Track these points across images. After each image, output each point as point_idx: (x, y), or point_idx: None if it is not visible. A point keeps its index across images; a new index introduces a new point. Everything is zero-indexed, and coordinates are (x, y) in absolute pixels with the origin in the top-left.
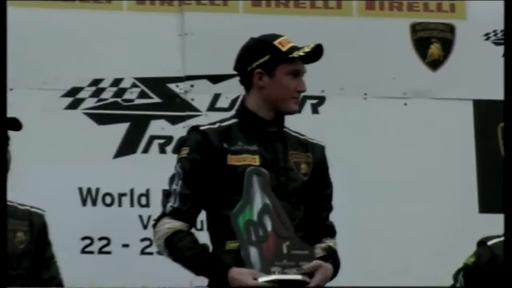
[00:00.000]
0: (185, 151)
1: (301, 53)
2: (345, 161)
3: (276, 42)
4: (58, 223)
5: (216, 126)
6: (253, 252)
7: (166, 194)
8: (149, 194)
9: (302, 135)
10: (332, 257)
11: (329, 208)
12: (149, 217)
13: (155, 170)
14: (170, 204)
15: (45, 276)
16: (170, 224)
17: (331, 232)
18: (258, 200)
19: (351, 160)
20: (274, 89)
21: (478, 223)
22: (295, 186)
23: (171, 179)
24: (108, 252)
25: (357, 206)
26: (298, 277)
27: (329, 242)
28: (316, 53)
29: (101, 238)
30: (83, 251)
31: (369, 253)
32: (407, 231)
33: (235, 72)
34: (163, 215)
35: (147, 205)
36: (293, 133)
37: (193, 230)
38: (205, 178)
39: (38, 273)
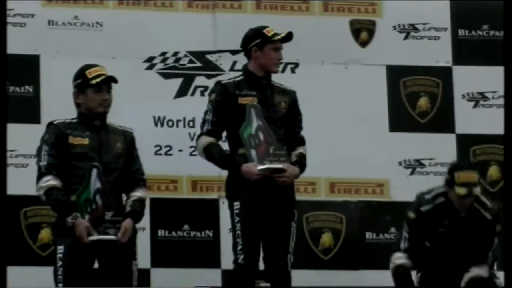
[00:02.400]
0: (213, 95)
1: (279, 37)
2: (310, 102)
3: (264, 31)
4: (141, 136)
5: (231, 81)
6: (253, 153)
7: (202, 122)
8: (194, 120)
9: (282, 85)
10: (300, 161)
11: (300, 127)
12: (194, 134)
13: (198, 106)
14: (205, 127)
15: (133, 168)
16: (206, 139)
17: (301, 142)
18: (255, 123)
19: (315, 102)
20: (263, 59)
21: (388, 140)
22: (278, 116)
23: (205, 112)
24: (170, 154)
25: (316, 132)
26: (280, 165)
27: (299, 149)
28: (288, 37)
29: (166, 146)
30: (155, 153)
31: (326, 160)
32: (345, 146)
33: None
34: (201, 134)
35: (193, 126)
36: (277, 84)
37: (220, 142)
38: (225, 111)
39: (129, 167)
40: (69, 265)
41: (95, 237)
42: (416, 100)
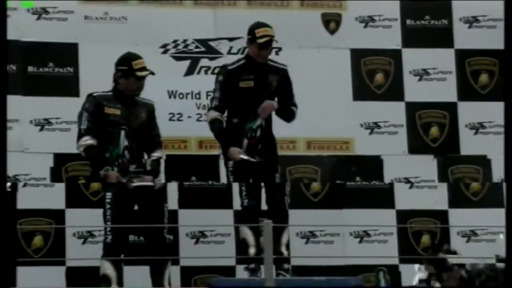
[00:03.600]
0: (220, 77)
1: (260, 40)
2: (291, 78)
3: (255, 30)
4: (158, 106)
5: (235, 66)
6: (245, 142)
7: (211, 98)
8: (200, 93)
9: (276, 63)
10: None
11: (290, 97)
12: (200, 104)
13: (203, 82)
14: (213, 103)
15: (153, 132)
16: (212, 114)
17: (294, 105)
18: (258, 121)
19: (294, 78)
20: (253, 51)
21: (352, 107)
22: (272, 89)
23: (214, 91)
24: (181, 120)
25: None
26: (255, 160)
27: (292, 107)
28: (267, 43)
29: (178, 114)
30: (169, 120)
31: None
32: (319, 112)
33: (240, 36)
34: (210, 108)
35: (199, 98)
36: (272, 63)
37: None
38: (229, 91)
39: (150, 131)
40: (115, 208)
41: (137, 183)
42: (374, 75)
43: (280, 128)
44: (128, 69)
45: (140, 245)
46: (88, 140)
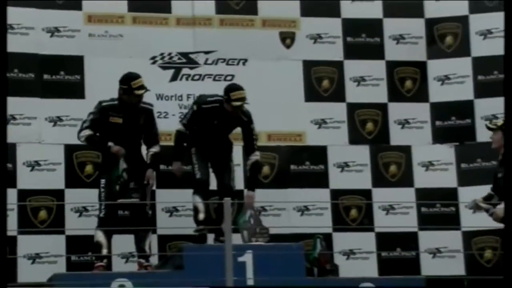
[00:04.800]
0: (195, 106)
1: (236, 103)
2: (256, 83)
3: (230, 94)
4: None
5: (209, 106)
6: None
7: (184, 114)
8: (182, 96)
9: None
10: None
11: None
12: (182, 104)
13: (184, 87)
14: (184, 120)
15: (151, 131)
16: (180, 127)
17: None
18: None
19: (258, 84)
20: (228, 108)
21: (304, 107)
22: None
23: (188, 110)
24: (167, 117)
25: (260, 101)
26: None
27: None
28: (242, 100)
29: (164, 112)
30: (158, 117)
31: (265, 119)
32: (278, 111)
33: (214, 50)
34: (180, 121)
35: (181, 100)
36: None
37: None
38: (197, 123)
39: (149, 131)
40: (107, 190)
41: (125, 200)
42: (321, 81)
43: None
44: (128, 88)
45: (126, 218)
46: (87, 131)
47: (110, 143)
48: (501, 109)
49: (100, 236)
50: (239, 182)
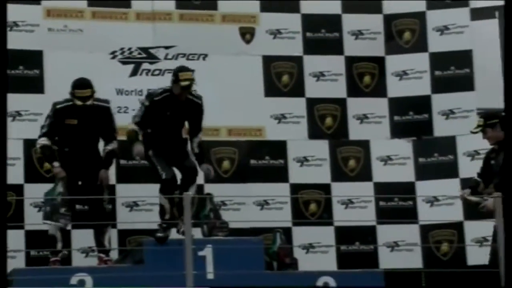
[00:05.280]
0: (146, 101)
1: (182, 84)
2: (216, 78)
3: (178, 73)
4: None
5: (160, 97)
6: None
7: (135, 113)
8: (142, 90)
9: (191, 97)
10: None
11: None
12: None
13: (144, 82)
14: (136, 119)
15: (109, 129)
16: (132, 127)
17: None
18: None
19: (218, 78)
20: (175, 90)
21: (264, 102)
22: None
23: (139, 108)
24: (127, 112)
25: (220, 97)
26: None
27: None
28: (189, 86)
29: (124, 107)
30: (118, 112)
31: (225, 114)
32: (238, 105)
33: (174, 45)
34: (132, 119)
35: (141, 94)
36: (189, 97)
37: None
38: (152, 116)
39: (106, 128)
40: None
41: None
42: (281, 77)
43: (205, 118)
44: (72, 94)
45: (85, 213)
46: (43, 140)
47: (55, 163)
48: (458, 104)
49: (53, 229)
50: (198, 178)
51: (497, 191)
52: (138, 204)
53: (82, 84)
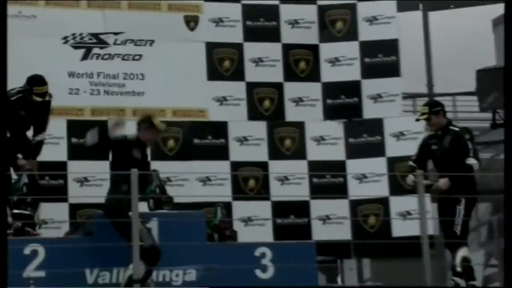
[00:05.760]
0: None
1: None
2: (162, 63)
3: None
4: (61, 84)
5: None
6: None
7: None
8: (92, 73)
9: None
10: None
11: None
12: (93, 82)
13: (94, 65)
14: None
15: (42, 120)
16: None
17: None
18: None
19: (164, 63)
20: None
21: (207, 85)
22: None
23: None
24: (78, 94)
25: (166, 81)
26: None
27: None
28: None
29: (76, 89)
30: (69, 94)
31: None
32: (183, 89)
33: (123, 31)
34: None
35: (92, 77)
36: None
37: None
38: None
39: (43, 118)
40: None
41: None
42: (222, 62)
43: (152, 100)
44: (29, 90)
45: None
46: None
47: (19, 155)
48: (385, 88)
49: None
50: None
51: (441, 172)
52: (88, 180)
53: (40, 81)
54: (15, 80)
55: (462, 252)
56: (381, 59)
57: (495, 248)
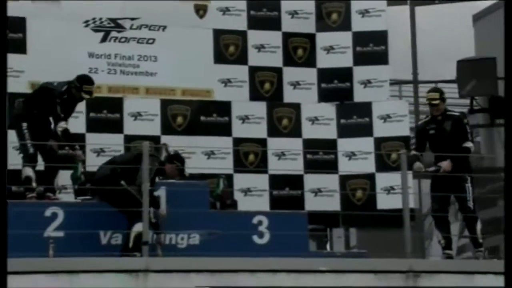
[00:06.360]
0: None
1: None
2: (173, 46)
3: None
4: (81, 63)
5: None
6: None
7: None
8: (110, 55)
9: None
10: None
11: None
12: (110, 62)
13: (112, 47)
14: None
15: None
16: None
17: None
18: None
19: (176, 46)
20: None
21: (214, 68)
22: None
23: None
24: (97, 73)
25: (169, 61)
26: None
27: None
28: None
29: (95, 68)
30: (89, 72)
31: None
32: (190, 70)
33: (138, 17)
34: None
35: (110, 58)
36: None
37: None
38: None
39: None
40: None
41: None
42: (228, 47)
43: (164, 80)
44: (79, 87)
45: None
46: (64, 125)
47: (76, 146)
48: (374, 75)
49: (29, 171)
50: None
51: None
52: (104, 150)
53: (90, 81)
54: (42, 60)
55: (479, 225)
56: (372, 48)
57: None
